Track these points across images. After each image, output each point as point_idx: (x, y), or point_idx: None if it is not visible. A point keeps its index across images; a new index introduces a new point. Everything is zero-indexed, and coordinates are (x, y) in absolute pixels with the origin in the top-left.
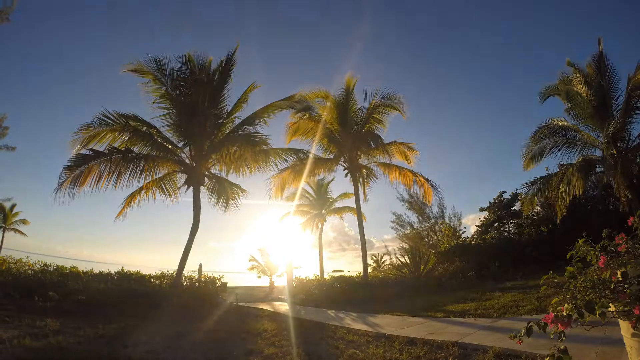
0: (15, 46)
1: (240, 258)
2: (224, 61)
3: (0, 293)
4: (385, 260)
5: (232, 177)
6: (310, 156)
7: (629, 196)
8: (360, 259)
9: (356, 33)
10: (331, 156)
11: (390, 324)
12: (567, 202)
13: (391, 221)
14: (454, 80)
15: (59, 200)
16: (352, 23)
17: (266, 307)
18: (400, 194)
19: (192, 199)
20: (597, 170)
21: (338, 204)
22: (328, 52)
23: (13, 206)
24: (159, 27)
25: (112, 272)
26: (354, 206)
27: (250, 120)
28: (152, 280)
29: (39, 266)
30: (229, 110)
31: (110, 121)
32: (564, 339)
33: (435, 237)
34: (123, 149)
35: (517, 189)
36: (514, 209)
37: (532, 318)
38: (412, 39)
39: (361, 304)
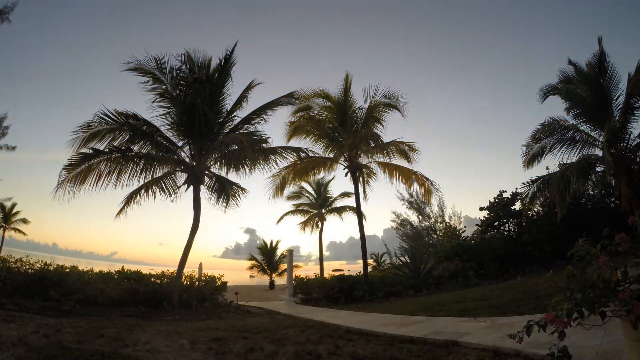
0: (16, 45)
1: (240, 257)
2: (223, 59)
3: (1, 292)
4: (385, 260)
5: (232, 176)
6: (311, 155)
7: (630, 195)
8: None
9: (356, 33)
10: (331, 155)
11: (390, 322)
12: (567, 201)
13: (391, 220)
14: (454, 80)
15: (59, 199)
16: (352, 23)
17: (266, 306)
18: (400, 193)
19: (192, 198)
20: (597, 169)
21: (338, 203)
22: (328, 52)
23: (13, 205)
24: (159, 26)
25: (113, 271)
26: (354, 205)
27: (250, 118)
28: (153, 279)
29: (39, 265)
30: (228, 109)
31: (110, 120)
32: (563, 338)
33: (435, 236)
34: (123, 147)
35: (517, 189)
36: (514, 209)
37: (532, 317)
38: (413, 39)
39: (361, 302)
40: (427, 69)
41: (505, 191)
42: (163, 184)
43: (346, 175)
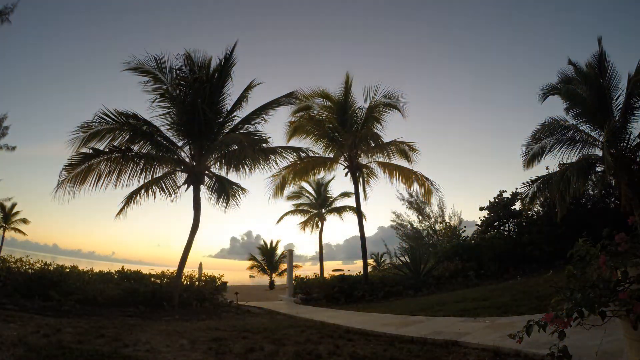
0: (16, 46)
1: (235, 256)
2: (223, 59)
3: (1, 292)
4: (385, 260)
5: (232, 176)
6: (311, 155)
7: (630, 195)
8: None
9: (356, 33)
10: (331, 155)
11: (390, 323)
12: (567, 201)
13: (391, 220)
14: (454, 79)
15: (59, 199)
16: (352, 23)
17: (266, 306)
18: (400, 193)
19: (192, 198)
20: (597, 169)
21: (338, 203)
22: (328, 52)
23: (13, 206)
24: (159, 26)
25: (113, 271)
26: (354, 205)
27: (250, 118)
28: (152, 279)
29: (39, 265)
30: (228, 109)
31: (110, 120)
32: (563, 338)
33: (435, 236)
34: (123, 147)
35: (517, 189)
36: (514, 209)
37: (532, 317)
38: (413, 39)
39: (361, 302)
40: (428, 68)
41: (505, 191)
42: (163, 184)
43: (346, 175)
